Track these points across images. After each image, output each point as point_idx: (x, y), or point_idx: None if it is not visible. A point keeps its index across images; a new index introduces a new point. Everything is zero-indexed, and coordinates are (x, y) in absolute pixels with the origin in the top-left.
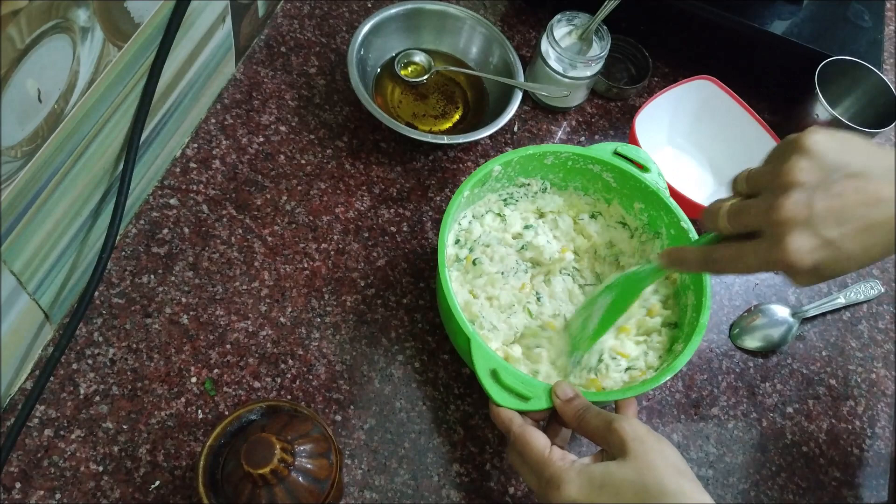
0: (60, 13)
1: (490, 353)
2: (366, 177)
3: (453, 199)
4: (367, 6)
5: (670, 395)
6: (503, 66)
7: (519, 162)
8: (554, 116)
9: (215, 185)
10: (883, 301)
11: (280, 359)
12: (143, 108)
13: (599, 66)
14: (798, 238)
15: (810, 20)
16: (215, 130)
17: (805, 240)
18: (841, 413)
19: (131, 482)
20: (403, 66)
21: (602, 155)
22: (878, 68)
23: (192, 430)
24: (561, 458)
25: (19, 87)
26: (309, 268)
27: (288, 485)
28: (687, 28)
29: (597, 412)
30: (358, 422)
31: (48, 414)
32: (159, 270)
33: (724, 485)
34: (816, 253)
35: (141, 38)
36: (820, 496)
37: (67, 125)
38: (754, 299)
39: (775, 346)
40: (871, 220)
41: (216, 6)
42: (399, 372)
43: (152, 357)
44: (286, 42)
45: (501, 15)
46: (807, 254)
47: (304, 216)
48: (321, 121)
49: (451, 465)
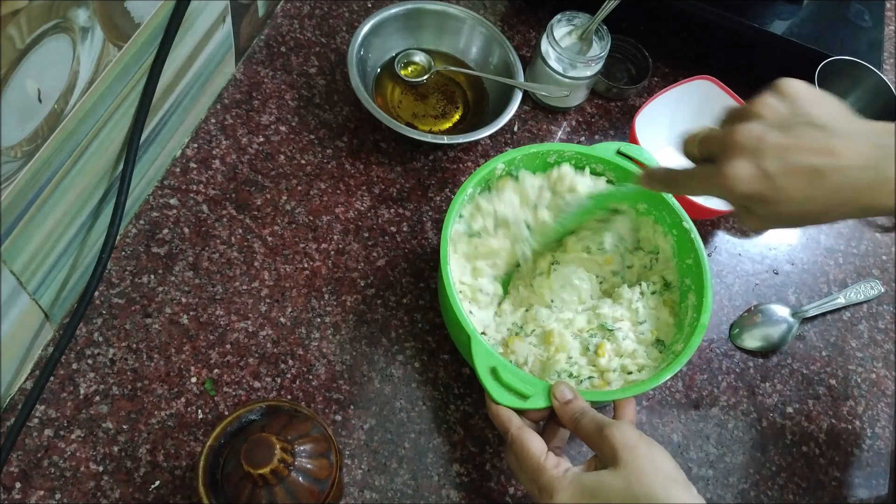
0: (60, 13)
1: (490, 350)
2: (366, 177)
3: (457, 196)
4: (367, 6)
5: (670, 395)
6: (503, 66)
7: (522, 161)
8: (554, 116)
9: (215, 185)
10: (883, 301)
11: (280, 359)
12: (143, 108)
13: (599, 66)
14: (739, 162)
15: (810, 20)
16: (215, 130)
17: (745, 166)
18: (841, 413)
19: (131, 482)
20: (403, 66)
21: (605, 154)
22: (878, 68)
23: (192, 430)
24: (555, 466)
25: (19, 87)
26: (309, 268)
27: (288, 485)
28: (687, 28)
29: (592, 417)
30: (358, 422)
31: (48, 414)
32: (159, 270)
33: (724, 485)
34: (753, 182)
35: (141, 38)
36: (820, 496)
37: (67, 125)
38: (754, 299)
39: (775, 346)
40: (815, 167)
41: (216, 6)
42: (399, 372)
43: (152, 357)
44: (286, 42)
45: (501, 15)
46: (742, 180)
47: (304, 216)
48: (321, 121)
49: (451, 465)
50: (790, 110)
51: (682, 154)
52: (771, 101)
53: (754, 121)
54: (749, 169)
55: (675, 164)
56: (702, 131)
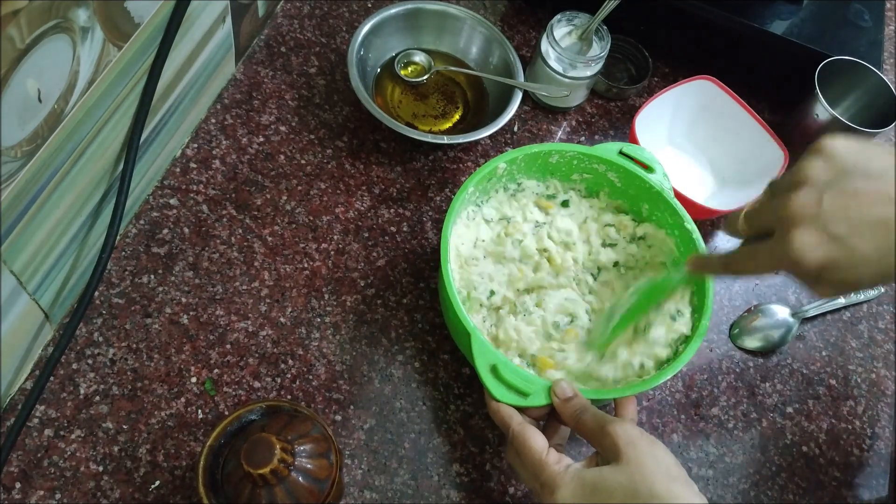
0: (60, 13)
1: (490, 348)
2: (366, 177)
3: (457, 196)
4: (367, 6)
5: (670, 395)
6: (503, 66)
7: (524, 160)
8: (554, 116)
9: (215, 185)
10: (883, 301)
11: (280, 359)
12: (143, 108)
13: (599, 66)
14: (803, 232)
15: (810, 20)
16: (215, 130)
17: (810, 234)
18: (841, 413)
19: (131, 482)
20: (403, 66)
21: (607, 155)
22: (878, 68)
23: (192, 430)
24: (557, 462)
25: (19, 87)
26: (309, 268)
27: (288, 485)
28: (687, 28)
29: (593, 414)
30: (358, 422)
31: (48, 414)
32: (159, 270)
33: (724, 485)
34: (822, 249)
35: (141, 38)
36: (820, 496)
37: (67, 125)
38: (754, 299)
39: (775, 346)
40: (884, 218)
41: (216, 6)
42: (399, 372)
43: (152, 357)
44: (286, 42)
45: (501, 15)
46: (811, 249)
47: (304, 216)
48: (321, 121)
49: (451, 465)
50: (838, 167)
51: (728, 233)
52: (815, 162)
53: (805, 187)
54: (816, 235)
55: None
56: (746, 206)
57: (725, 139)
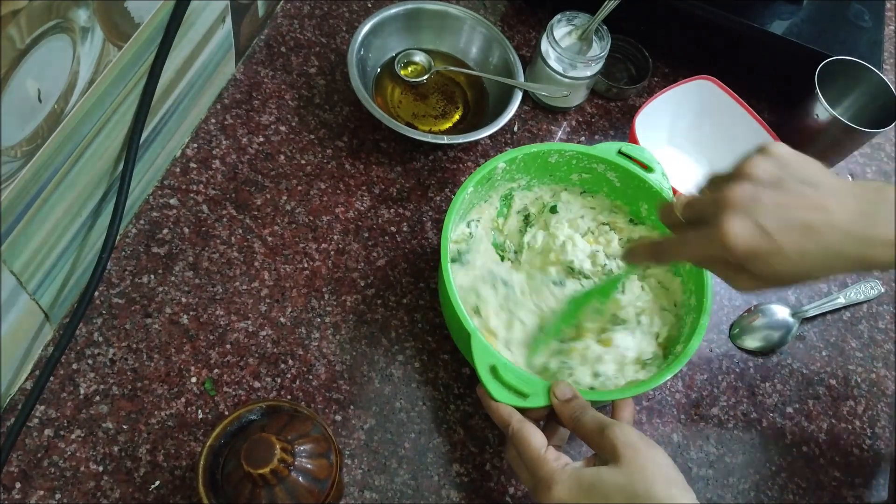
0: (60, 13)
1: (490, 349)
2: (366, 177)
3: (457, 196)
4: (367, 6)
5: (670, 395)
6: (503, 66)
7: (523, 160)
8: (554, 116)
9: (215, 185)
10: (883, 301)
11: (280, 359)
12: (143, 108)
13: (599, 66)
14: (736, 218)
15: (810, 20)
16: (215, 130)
17: (742, 221)
18: (841, 413)
19: (131, 482)
20: (403, 66)
21: (606, 154)
22: (878, 68)
23: (192, 430)
24: (555, 459)
25: (19, 87)
26: (309, 268)
27: (288, 485)
28: (687, 28)
29: (592, 415)
30: (358, 422)
31: (48, 414)
32: (159, 270)
33: (724, 485)
34: (751, 237)
35: (141, 38)
36: (820, 496)
37: (67, 125)
38: (754, 299)
39: (775, 346)
40: (810, 223)
41: (216, 6)
42: (399, 372)
43: (152, 357)
44: (286, 42)
45: (501, 15)
46: (741, 236)
47: (304, 216)
48: (321, 121)
49: (451, 465)
50: (781, 170)
51: (664, 223)
52: (759, 161)
53: (746, 181)
54: (748, 225)
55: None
56: (684, 197)
57: (725, 139)
